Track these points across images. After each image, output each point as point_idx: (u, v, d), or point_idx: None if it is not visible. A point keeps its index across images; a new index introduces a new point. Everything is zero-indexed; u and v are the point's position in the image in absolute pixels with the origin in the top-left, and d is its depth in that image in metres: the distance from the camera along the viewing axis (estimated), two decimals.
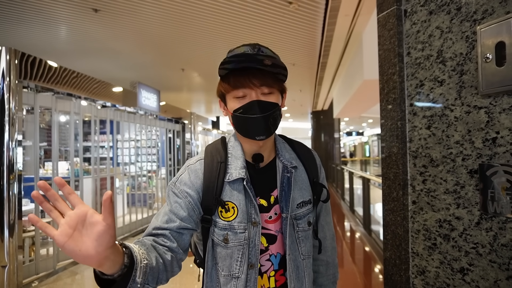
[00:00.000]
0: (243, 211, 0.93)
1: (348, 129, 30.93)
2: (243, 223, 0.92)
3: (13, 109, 3.54)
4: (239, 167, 0.95)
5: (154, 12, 4.89)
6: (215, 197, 0.92)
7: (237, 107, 0.91)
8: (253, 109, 0.89)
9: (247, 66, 0.89)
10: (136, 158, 7.44)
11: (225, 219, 0.93)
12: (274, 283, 0.98)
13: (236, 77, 0.90)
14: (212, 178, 0.94)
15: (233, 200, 0.93)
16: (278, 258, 0.98)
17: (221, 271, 0.93)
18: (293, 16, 5.01)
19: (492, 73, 0.69)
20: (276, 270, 0.98)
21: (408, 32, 0.89)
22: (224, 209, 0.93)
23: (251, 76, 0.89)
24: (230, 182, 0.94)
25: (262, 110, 0.89)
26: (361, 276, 3.93)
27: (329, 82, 9.45)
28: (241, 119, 0.91)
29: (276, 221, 0.97)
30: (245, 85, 0.89)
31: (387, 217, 0.95)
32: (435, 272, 0.82)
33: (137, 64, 7.59)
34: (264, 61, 0.86)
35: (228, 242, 0.92)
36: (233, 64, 0.89)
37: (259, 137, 0.91)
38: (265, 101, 0.90)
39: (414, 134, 0.88)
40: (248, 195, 0.94)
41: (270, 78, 0.91)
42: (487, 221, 0.71)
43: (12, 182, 3.51)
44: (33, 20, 5.18)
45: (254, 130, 0.91)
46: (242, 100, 0.91)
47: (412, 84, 0.88)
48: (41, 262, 3.99)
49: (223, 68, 0.91)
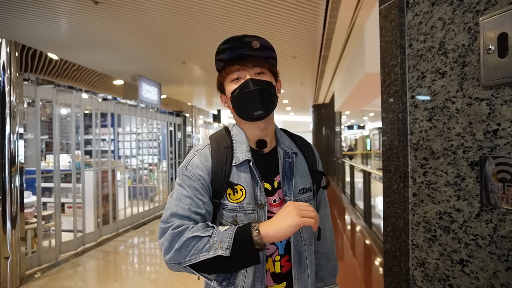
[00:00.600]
0: (251, 192, 0.97)
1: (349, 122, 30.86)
2: (251, 204, 0.96)
3: (14, 102, 3.54)
4: (245, 150, 1.00)
5: (155, 4, 4.85)
6: (225, 180, 0.96)
7: (234, 88, 0.98)
8: (248, 85, 0.96)
9: (238, 53, 0.98)
10: (137, 151, 7.45)
11: (233, 201, 0.96)
12: (280, 269, 1.00)
13: (231, 63, 0.99)
14: (220, 163, 0.98)
15: (241, 182, 0.97)
16: (284, 243, 1.01)
17: None
18: (295, 8, 4.97)
19: (494, 65, 0.69)
20: (281, 256, 1.01)
21: (410, 23, 0.88)
22: (233, 191, 0.96)
23: (244, 60, 0.98)
24: (237, 166, 0.98)
25: (256, 85, 0.96)
26: (361, 269, 3.96)
27: (330, 75, 9.40)
28: (238, 98, 0.97)
29: (280, 205, 1.00)
30: (239, 68, 0.98)
31: (388, 209, 0.95)
32: (435, 263, 0.83)
33: (138, 57, 7.57)
34: (252, 43, 0.96)
35: (238, 223, 0.94)
36: (227, 53, 0.98)
37: (257, 112, 0.96)
38: (258, 79, 0.98)
39: (415, 126, 0.88)
40: (254, 177, 0.98)
41: (260, 60, 1.00)
42: (487, 213, 0.71)
43: (14, 175, 3.53)
44: (34, 12, 5.15)
45: (251, 105, 0.96)
46: (238, 82, 0.98)
47: (413, 76, 0.88)
48: (43, 253, 4.02)
49: (218, 59, 1.00)
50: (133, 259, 4.61)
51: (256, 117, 0.97)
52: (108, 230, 5.37)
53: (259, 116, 0.97)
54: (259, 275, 0.95)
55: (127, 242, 5.27)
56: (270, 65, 1.02)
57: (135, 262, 4.48)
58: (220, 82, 1.04)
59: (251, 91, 0.95)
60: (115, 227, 5.58)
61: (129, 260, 4.49)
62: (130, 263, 4.38)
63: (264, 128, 1.02)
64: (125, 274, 3.97)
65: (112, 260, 4.45)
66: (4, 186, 3.47)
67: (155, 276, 3.86)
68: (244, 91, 0.96)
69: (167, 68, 8.60)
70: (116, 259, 4.50)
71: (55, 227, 4.29)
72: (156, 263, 4.41)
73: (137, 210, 6.35)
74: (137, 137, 7.64)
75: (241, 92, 0.96)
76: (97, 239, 5.04)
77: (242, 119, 1.01)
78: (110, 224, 5.44)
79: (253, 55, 0.98)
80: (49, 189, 5.11)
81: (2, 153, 3.48)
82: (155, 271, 4.09)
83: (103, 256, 4.54)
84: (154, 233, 5.78)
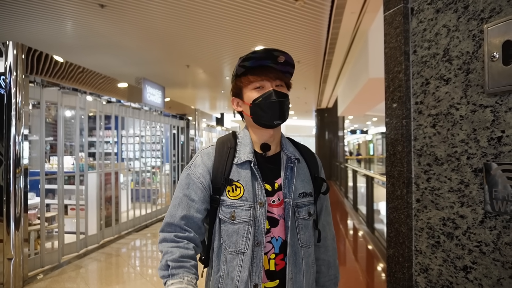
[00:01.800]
0: (249, 191, 1.02)
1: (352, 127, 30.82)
2: (248, 202, 1.01)
3: (19, 103, 3.57)
4: (248, 151, 1.06)
5: (160, 8, 4.89)
6: (224, 177, 1.02)
7: (256, 97, 1.04)
8: (272, 96, 1.02)
9: (262, 63, 1.04)
10: (140, 153, 7.47)
11: (231, 198, 1.02)
12: (274, 267, 1.04)
13: (254, 72, 1.05)
14: (222, 161, 1.05)
15: (240, 180, 1.03)
16: (279, 242, 1.04)
17: (228, 248, 1.01)
18: (299, 13, 4.99)
19: (499, 72, 0.69)
20: (276, 254, 1.04)
21: (414, 30, 0.89)
22: (232, 188, 1.02)
23: (267, 71, 1.04)
24: (238, 165, 1.04)
25: (278, 97, 1.03)
26: (363, 274, 3.94)
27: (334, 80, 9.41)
28: (261, 105, 1.03)
29: (279, 206, 1.05)
30: (263, 77, 1.04)
31: (391, 215, 0.95)
32: (438, 270, 0.83)
33: (142, 60, 7.61)
34: (278, 57, 1.02)
35: (235, 219, 1.01)
36: (252, 61, 1.04)
37: (276, 121, 1.03)
38: (279, 91, 1.05)
39: (419, 132, 0.88)
40: (255, 177, 1.04)
41: (280, 73, 1.07)
42: (491, 220, 0.71)
43: (19, 176, 3.55)
44: (40, 15, 5.21)
45: (273, 114, 1.03)
46: (260, 91, 1.04)
47: (417, 82, 0.88)
48: (46, 255, 4.03)
49: (242, 65, 1.05)
50: (135, 261, 4.61)
51: (274, 125, 1.04)
52: (110, 233, 5.38)
53: (277, 124, 1.05)
54: (256, 269, 0.99)
55: (129, 245, 5.27)
56: (287, 79, 1.10)
57: (137, 264, 4.48)
58: (240, 87, 1.08)
59: (274, 102, 1.02)
60: (118, 230, 5.59)
61: (131, 263, 4.49)
62: (132, 265, 4.38)
63: (273, 134, 1.08)
64: (127, 277, 3.97)
65: (114, 262, 4.46)
66: (8, 187, 3.49)
67: (157, 279, 3.86)
68: (268, 101, 1.02)
69: (171, 71, 8.64)
70: (118, 261, 4.51)
71: (58, 229, 4.30)
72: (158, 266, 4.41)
73: (140, 213, 6.36)
74: (141, 139, 7.66)
75: (264, 101, 1.03)
76: (100, 241, 5.04)
77: (258, 125, 1.07)
78: (112, 226, 5.45)
79: (274, 67, 1.05)
80: (52, 190, 5.14)
81: (7, 154, 3.50)
82: (157, 274, 4.08)
83: (105, 259, 4.54)
84: (156, 236, 5.77)
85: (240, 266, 0.99)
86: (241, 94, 1.09)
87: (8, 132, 3.50)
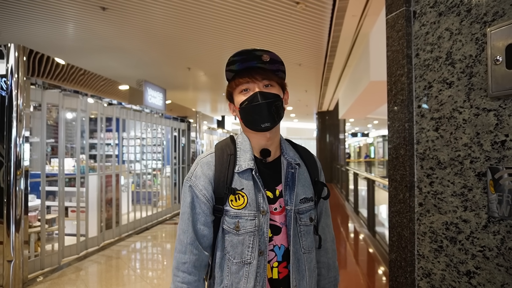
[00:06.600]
0: (252, 199, 0.99)
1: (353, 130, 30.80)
2: (252, 211, 0.99)
3: (21, 105, 3.57)
4: (248, 159, 1.03)
5: (161, 10, 4.90)
6: (227, 186, 1.00)
7: (242, 100, 1.01)
8: (256, 98, 0.99)
9: (248, 65, 1.01)
10: (141, 156, 7.47)
11: (235, 207, 0.99)
12: (277, 275, 1.02)
13: (241, 75, 1.02)
14: (223, 169, 1.02)
15: (243, 189, 1.00)
16: (282, 250, 1.03)
17: (233, 259, 0.99)
18: (300, 16, 5.00)
19: (502, 76, 0.69)
20: (279, 262, 1.02)
21: (417, 33, 0.89)
22: (235, 197, 1.00)
23: (253, 72, 1.01)
24: (240, 173, 1.01)
25: (265, 98, 0.99)
26: (364, 278, 3.92)
27: (335, 83, 9.41)
28: (247, 110, 1.01)
29: (281, 213, 1.03)
30: (248, 80, 1.01)
31: (393, 219, 0.95)
32: (441, 274, 0.82)
33: (143, 63, 7.63)
34: (262, 56, 0.99)
35: (240, 229, 0.98)
36: (237, 64, 1.01)
37: (264, 124, 0.99)
38: (266, 91, 1.01)
39: (421, 136, 0.87)
40: (256, 185, 1.01)
41: (269, 73, 1.03)
42: (495, 225, 0.71)
43: (19, 178, 3.55)
44: (41, 18, 5.22)
45: (259, 118, 0.99)
46: (247, 93, 1.02)
47: (420, 85, 0.88)
48: (46, 257, 4.02)
49: (229, 70, 1.04)
50: (136, 264, 4.60)
51: (263, 128, 1.00)
52: (111, 235, 5.37)
53: (266, 128, 1.00)
54: (260, 279, 0.97)
55: (130, 247, 5.26)
56: (279, 78, 1.05)
57: (137, 267, 4.47)
58: (230, 92, 1.07)
59: (259, 104, 0.98)
60: (118, 232, 5.58)
61: (132, 265, 4.48)
62: (132, 268, 4.37)
63: (270, 137, 1.05)
64: (127, 279, 3.95)
65: (114, 265, 4.45)
66: (9, 189, 3.49)
67: (157, 282, 3.85)
68: (253, 104, 0.99)
69: (172, 74, 8.65)
70: (119, 264, 4.49)
71: (59, 231, 4.29)
72: (158, 268, 4.39)
73: (140, 215, 6.35)
74: (141, 142, 7.66)
75: (249, 104, 1.00)
76: (100, 244, 5.03)
77: (250, 129, 1.04)
78: (113, 228, 5.44)
79: (262, 67, 1.02)
80: (53, 192, 5.13)
81: (8, 156, 3.50)
82: (157, 276, 4.07)
83: (105, 261, 4.53)
84: (157, 239, 5.77)
85: (247, 277, 0.97)
86: (232, 99, 1.07)
87: (9, 134, 3.51)
